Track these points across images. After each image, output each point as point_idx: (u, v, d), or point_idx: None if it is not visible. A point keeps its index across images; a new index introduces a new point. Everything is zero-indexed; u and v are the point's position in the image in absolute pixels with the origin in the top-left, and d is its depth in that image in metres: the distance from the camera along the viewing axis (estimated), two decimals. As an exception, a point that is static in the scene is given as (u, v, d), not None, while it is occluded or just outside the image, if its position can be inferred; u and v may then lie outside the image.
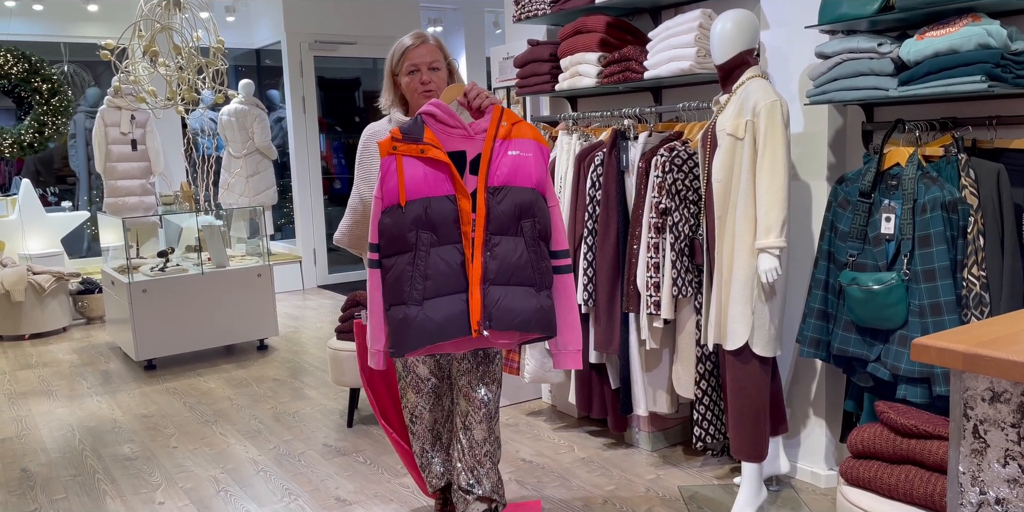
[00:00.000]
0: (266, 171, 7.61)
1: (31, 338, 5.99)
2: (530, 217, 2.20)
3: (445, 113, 2.23)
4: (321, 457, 3.44)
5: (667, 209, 2.91)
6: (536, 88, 3.79)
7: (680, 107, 3.10)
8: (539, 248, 2.22)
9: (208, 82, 5.55)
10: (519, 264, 2.18)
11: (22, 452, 3.63)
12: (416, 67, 2.39)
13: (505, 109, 2.26)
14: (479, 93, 2.29)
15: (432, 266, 2.17)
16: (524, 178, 2.21)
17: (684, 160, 2.93)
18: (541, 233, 2.23)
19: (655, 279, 2.95)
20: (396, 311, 2.18)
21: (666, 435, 3.37)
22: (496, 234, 2.19)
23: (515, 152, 2.22)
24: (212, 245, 5.31)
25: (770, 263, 2.54)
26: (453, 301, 2.17)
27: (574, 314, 2.33)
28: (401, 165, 2.18)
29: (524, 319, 2.17)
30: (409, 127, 2.22)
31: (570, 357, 2.34)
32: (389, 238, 2.19)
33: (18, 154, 6.96)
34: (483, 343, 2.28)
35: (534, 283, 2.21)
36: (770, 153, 2.55)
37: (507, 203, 2.18)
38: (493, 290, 2.17)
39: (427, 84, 2.39)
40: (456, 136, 2.24)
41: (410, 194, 2.18)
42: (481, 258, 2.17)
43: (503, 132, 2.23)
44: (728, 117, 2.66)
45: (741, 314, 2.62)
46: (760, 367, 2.67)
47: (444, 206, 2.18)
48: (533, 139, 2.25)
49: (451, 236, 2.19)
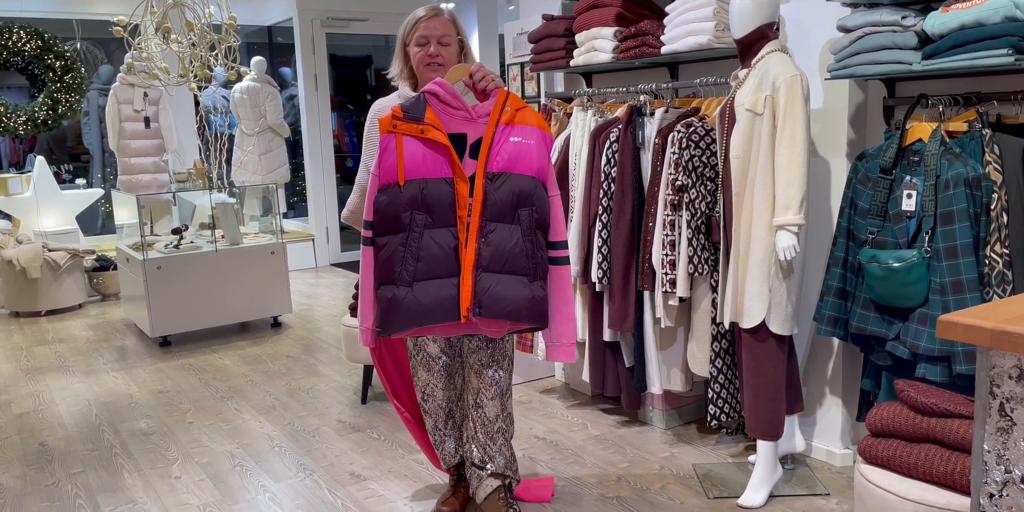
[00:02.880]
0: (278, 149, 7.59)
1: (47, 314, 6.04)
2: (528, 205, 2.18)
3: (448, 93, 2.20)
4: (335, 433, 3.46)
5: (683, 186, 2.88)
6: (551, 64, 3.74)
7: (697, 82, 3.06)
8: (535, 237, 2.20)
9: (220, 59, 5.52)
10: (513, 252, 2.16)
11: (40, 427, 3.67)
12: (426, 39, 2.36)
13: (510, 94, 2.23)
14: (485, 75, 2.25)
15: (425, 248, 2.15)
16: (524, 165, 2.18)
17: (701, 136, 2.89)
18: (539, 222, 2.20)
19: (671, 257, 2.92)
20: (385, 291, 2.17)
21: (680, 413, 3.36)
22: (492, 220, 2.16)
23: (517, 139, 2.19)
24: (225, 223, 5.32)
25: (788, 240, 2.51)
26: (443, 285, 2.15)
27: (569, 307, 2.30)
28: (400, 144, 2.16)
29: (514, 308, 2.15)
30: (411, 105, 2.19)
31: (563, 351, 2.31)
32: (383, 216, 2.17)
33: (32, 131, 6.97)
34: (471, 329, 2.26)
35: (528, 273, 2.18)
36: (790, 128, 2.51)
37: (505, 190, 2.15)
38: (485, 277, 2.15)
39: (434, 57, 2.36)
40: (458, 118, 2.21)
41: (408, 174, 2.15)
42: (475, 244, 2.15)
43: (506, 117, 2.19)
44: (747, 92, 2.61)
45: (758, 292, 2.60)
46: (777, 345, 2.65)
47: (441, 188, 2.15)
48: (536, 126, 2.22)
49: (446, 219, 2.17)
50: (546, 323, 2.24)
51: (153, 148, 6.85)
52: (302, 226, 8.14)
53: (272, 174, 7.56)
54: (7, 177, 6.64)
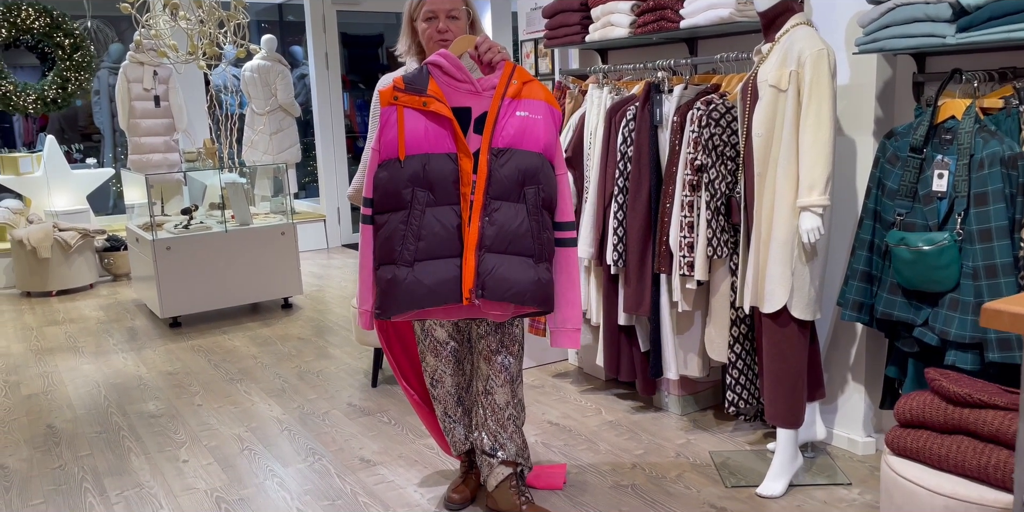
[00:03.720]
0: (289, 128, 7.51)
1: (58, 295, 6.02)
2: (534, 184, 2.09)
3: (453, 65, 2.10)
4: (345, 416, 3.41)
5: (703, 166, 2.78)
6: (565, 40, 3.63)
7: (718, 58, 2.95)
8: (542, 217, 2.11)
9: (230, 36, 5.43)
10: (518, 232, 2.07)
11: (48, 408, 3.64)
12: (434, 14, 2.26)
13: (517, 66, 2.13)
14: (491, 47, 2.15)
15: (426, 227, 2.06)
16: (531, 141, 2.09)
17: (722, 114, 2.79)
18: (545, 201, 2.11)
19: (689, 239, 2.83)
20: (385, 271, 2.09)
21: (696, 399, 3.28)
22: (496, 199, 2.08)
23: (524, 113, 2.10)
24: (235, 203, 5.25)
25: (812, 222, 2.41)
26: (445, 265, 2.07)
27: (576, 291, 2.21)
28: (402, 117, 2.07)
29: (519, 291, 2.07)
30: (413, 77, 2.10)
31: (567, 336, 2.23)
32: (383, 193, 2.09)
33: (41, 110, 6.91)
34: (474, 312, 2.18)
35: (533, 254, 2.10)
36: (815, 105, 2.41)
37: (510, 167, 2.07)
38: (489, 257, 2.06)
39: (443, 32, 2.26)
40: (462, 91, 2.11)
41: (409, 149, 2.07)
42: (478, 223, 2.06)
43: (513, 91, 2.10)
44: (771, 67, 2.51)
45: (780, 276, 2.51)
46: (798, 331, 2.56)
47: (444, 164, 2.07)
48: (544, 101, 2.12)
49: (449, 197, 2.08)
50: (552, 307, 2.16)
51: (163, 127, 6.79)
52: (313, 206, 8.08)
53: (283, 154, 7.48)
54: (17, 156, 6.60)
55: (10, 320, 5.32)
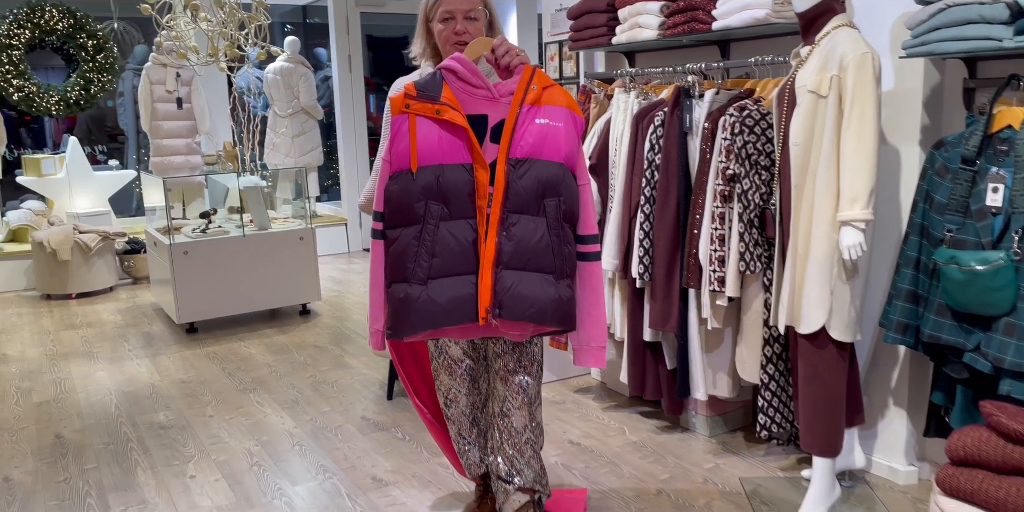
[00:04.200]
0: (312, 131, 7.44)
1: (77, 297, 5.98)
2: (555, 195, 1.95)
3: (468, 70, 1.97)
4: (359, 431, 3.29)
5: (735, 175, 2.63)
6: (591, 42, 3.49)
7: (752, 62, 2.79)
8: (563, 231, 1.97)
9: (251, 38, 5.35)
10: (538, 247, 1.94)
11: (58, 417, 3.56)
12: (451, 14, 2.13)
13: (537, 70, 1.99)
14: (508, 50, 2.02)
15: (440, 242, 1.94)
16: (552, 151, 1.95)
17: (756, 121, 2.63)
18: (566, 214, 1.97)
19: (720, 253, 2.68)
20: (397, 289, 1.96)
21: (725, 420, 3.13)
22: (515, 212, 1.94)
23: (544, 120, 1.96)
24: (254, 207, 5.17)
25: (854, 238, 2.25)
26: (461, 283, 1.94)
27: (600, 308, 2.07)
28: (414, 126, 1.95)
29: (538, 309, 1.94)
30: (426, 83, 1.97)
31: (592, 354, 2.09)
32: (395, 207, 1.97)
33: (64, 112, 6.89)
34: (490, 332, 2.05)
35: (554, 270, 1.96)
36: (858, 113, 2.25)
37: (529, 178, 1.93)
38: (506, 274, 1.93)
39: (461, 34, 2.13)
40: (479, 97, 1.98)
41: (422, 159, 1.94)
42: (495, 238, 1.93)
43: (532, 97, 1.96)
44: (810, 72, 2.35)
45: (818, 295, 2.35)
46: (837, 353, 2.40)
47: (459, 176, 1.94)
48: (566, 107, 1.98)
49: (464, 210, 1.95)
50: (574, 325, 2.02)
51: (185, 129, 6.73)
52: (335, 210, 8.00)
53: (305, 157, 7.41)
54: (40, 157, 6.58)
55: (28, 323, 5.28)
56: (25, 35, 6.58)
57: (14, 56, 6.57)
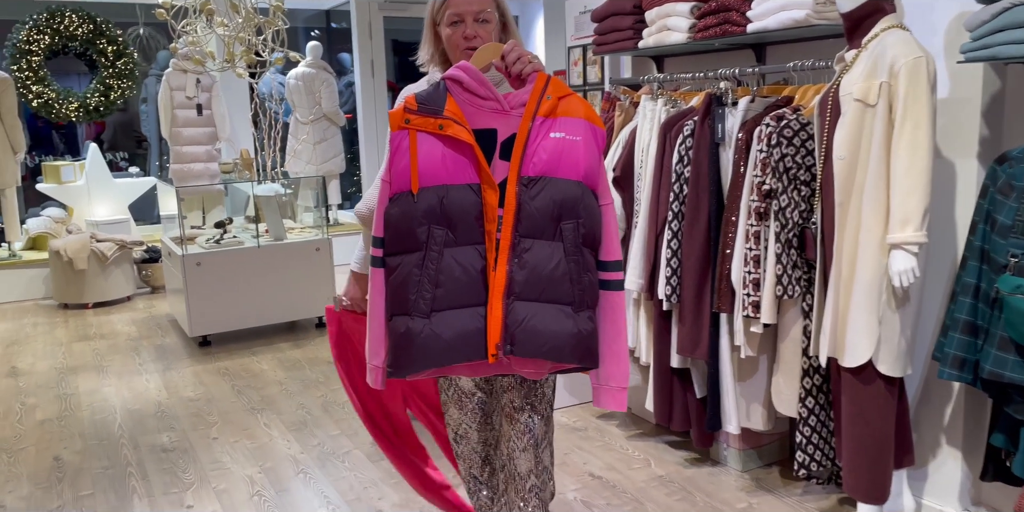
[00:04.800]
0: (334, 138, 7.31)
1: (94, 307, 5.89)
2: (572, 218, 1.74)
3: (474, 80, 1.77)
4: (367, 458, 3.12)
5: (772, 191, 2.41)
6: (616, 46, 3.29)
7: (790, 67, 2.57)
8: (582, 257, 1.76)
9: (269, 43, 5.22)
10: (554, 276, 1.73)
11: (58, 437, 3.43)
12: (460, 17, 1.93)
13: (552, 78, 1.78)
14: (520, 56, 1.81)
15: (445, 271, 1.74)
16: (568, 167, 1.74)
17: (795, 132, 2.41)
18: (586, 238, 1.76)
19: (755, 275, 2.46)
20: (398, 323, 1.77)
21: (759, 453, 2.90)
22: (527, 237, 1.74)
23: (559, 134, 1.75)
24: (270, 216, 5.03)
25: (906, 263, 2.03)
26: (468, 316, 1.74)
27: (621, 342, 1.85)
28: (415, 142, 1.75)
29: (555, 345, 1.73)
30: (428, 95, 1.78)
31: (612, 396, 1.86)
32: (395, 232, 1.77)
33: (84, 118, 6.83)
34: (502, 370, 1.85)
35: (572, 301, 1.74)
36: (911, 124, 2.03)
37: (544, 198, 1.72)
38: (519, 306, 1.73)
39: (471, 39, 1.93)
40: (487, 110, 1.78)
41: (424, 180, 1.74)
42: (506, 265, 1.73)
43: (546, 108, 1.75)
44: (856, 78, 2.13)
45: (865, 324, 2.12)
46: (885, 389, 2.18)
47: (465, 197, 1.74)
48: (585, 119, 1.77)
49: (471, 235, 1.75)
50: (596, 362, 1.81)
51: (205, 136, 6.63)
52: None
53: (327, 164, 7.28)
54: (60, 164, 6.52)
55: (42, 334, 5.19)
56: (44, 41, 6.52)
57: (33, 62, 6.51)
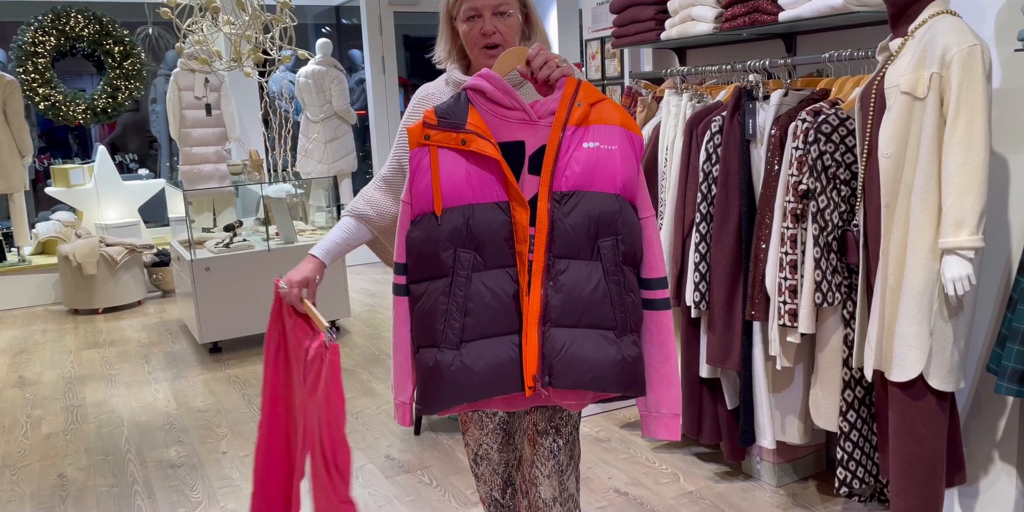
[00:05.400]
0: (345, 136, 7.17)
1: (105, 312, 5.79)
2: (611, 234, 1.58)
3: (498, 89, 1.62)
4: (382, 474, 2.98)
5: (810, 191, 2.25)
6: (637, 38, 3.13)
7: (825, 57, 2.41)
8: (623, 277, 1.60)
9: (276, 41, 5.09)
10: (593, 299, 1.58)
11: (64, 452, 3.32)
12: (477, 11, 1.77)
13: (583, 83, 1.62)
14: (547, 60, 1.65)
15: (474, 297, 1.59)
16: (604, 180, 1.59)
17: (834, 127, 2.25)
18: (627, 256, 1.60)
19: (791, 281, 2.30)
20: (426, 355, 1.62)
21: (795, 466, 2.74)
22: (562, 257, 1.59)
23: (593, 144, 1.60)
24: (279, 218, 4.91)
25: (961, 269, 1.87)
26: (500, 345, 1.60)
27: (670, 365, 1.69)
28: (436, 160, 1.60)
29: (598, 375, 1.58)
30: (448, 108, 1.63)
31: (663, 423, 1.71)
32: (419, 257, 1.63)
33: (91, 120, 6.73)
34: (540, 401, 1.70)
35: (614, 325, 1.59)
36: (965, 118, 1.86)
37: (579, 215, 1.57)
38: (556, 333, 1.58)
39: (489, 35, 1.77)
40: (513, 121, 1.63)
41: (448, 199, 1.60)
42: (541, 289, 1.58)
43: (577, 116, 1.60)
44: (903, 69, 1.97)
45: (915, 335, 1.96)
46: (937, 404, 2.01)
47: (493, 217, 1.60)
48: (620, 126, 1.62)
49: (501, 257, 1.61)
50: (642, 390, 1.66)
51: (215, 137, 6.51)
52: (370, 217, 7.72)
53: (338, 163, 7.15)
54: (68, 168, 6.43)
55: (51, 341, 5.09)
56: (51, 42, 6.42)
57: (39, 64, 6.41)
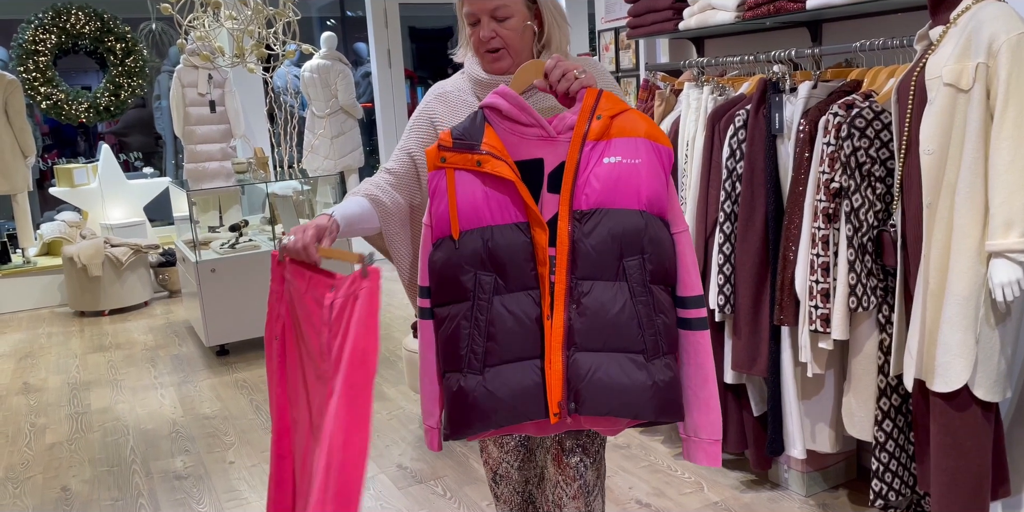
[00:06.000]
0: (352, 131, 7.06)
1: (111, 314, 5.71)
2: (637, 253, 1.48)
3: (515, 106, 1.52)
4: (393, 484, 2.89)
5: (843, 189, 2.12)
6: (653, 28, 3.00)
7: (856, 47, 2.28)
8: (651, 297, 1.50)
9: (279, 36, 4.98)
10: (619, 321, 1.48)
11: (68, 463, 3.23)
12: (474, 15, 1.66)
13: (604, 94, 1.52)
14: (565, 72, 1.54)
15: (496, 321, 1.50)
16: (628, 196, 1.48)
17: (868, 121, 2.12)
18: (655, 275, 1.50)
19: (823, 285, 2.18)
20: (451, 380, 1.54)
21: (824, 475, 2.62)
22: (585, 278, 1.49)
23: (614, 158, 1.49)
24: (286, 217, 4.80)
25: (1011, 274, 1.74)
26: (523, 370, 1.51)
27: (710, 388, 1.58)
28: (452, 182, 1.52)
29: (628, 401, 1.47)
30: (464, 129, 1.54)
31: (703, 449, 1.60)
32: (440, 281, 1.54)
33: (95, 119, 6.63)
34: (573, 427, 1.61)
35: (644, 348, 1.49)
36: (1015, 111, 1.74)
37: (600, 234, 1.48)
38: (582, 358, 1.48)
39: (488, 41, 1.65)
40: (531, 138, 1.53)
41: (466, 222, 1.51)
42: (564, 312, 1.48)
43: (597, 130, 1.50)
44: (945, 59, 1.84)
45: (960, 343, 1.84)
46: (982, 415, 1.89)
47: (512, 238, 1.50)
48: (645, 137, 1.51)
49: (523, 280, 1.51)
50: (681, 414, 1.55)
51: (219, 134, 6.42)
52: (378, 213, 7.61)
53: (345, 159, 7.04)
54: (72, 167, 6.34)
55: (56, 345, 5.01)
56: (52, 40, 6.32)
57: (41, 62, 6.32)
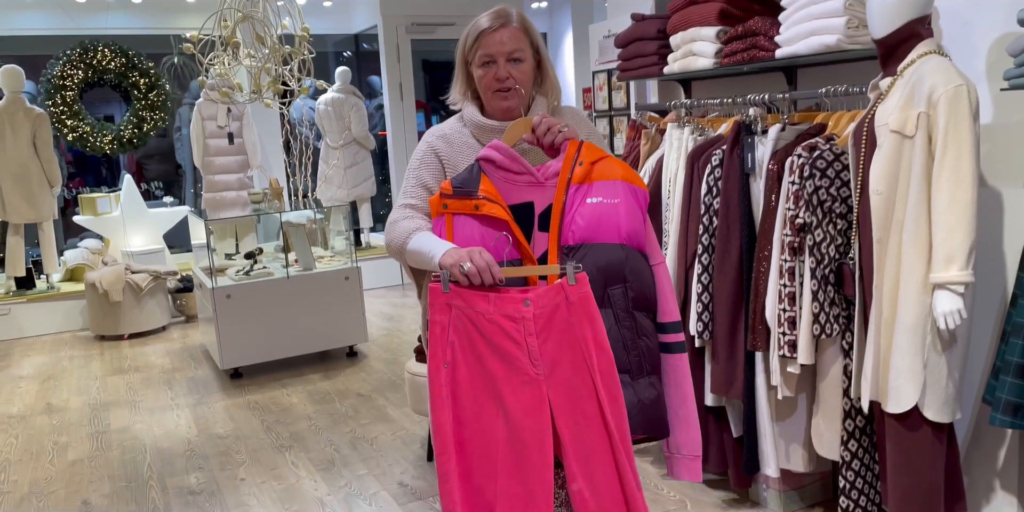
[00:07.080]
0: (364, 162, 7.31)
1: (130, 338, 5.92)
2: (619, 282, 1.68)
3: (507, 157, 1.75)
4: (394, 500, 3.04)
5: (806, 225, 2.30)
6: (641, 71, 3.21)
7: (822, 93, 2.47)
8: (635, 322, 1.70)
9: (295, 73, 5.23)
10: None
11: (88, 479, 3.41)
12: (491, 57, 1.84)
13: (584, 144, 1.76)
14: (550, 127, 1.77)
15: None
16: (609, 232, 1.69)
17: (829, 163, 2.30)
18: (637, 302, 1.70)
19: (790, 313, 2.35)
20: None
21: (801, 494, 2.76)
22: None
23: (596, 199, 1.71)
24: (298, 245, 5.02)
25: (951, 304, 1.91)
26: None
27: (689, 406, 1.77)
28: (451, 225, 1.73)
29: None
30: (463, 179, 1.76)
31: (684, 465, 1.79)
32: None
33: (118, 150, 6.92)
34: None
35: (628, 368, 1.69)
36: (953, 156, 1.91)
37: (586, 266, 1.68)
38: None
39: (503, 81, 1.85)
40: (522, 184, 1.75)
41: None
42: None
43: (579, 175, 1.72)
44: (892, 108, 2.02)
45: (908, 367, 2.00)
46: (933, 435, 2.05)
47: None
48: (622, 180, 1.73)
49: None
50: (666, 431, 1.74)
51: (237, 164, 6.67)
52: (389, 241, 7.82)
53: (358, 188, 7.28)
54: (95, 196, 6.60)
55: (78, 367, 5.22)
56: (79, 76, 6.63)
57: (68, 97, 6.62)
